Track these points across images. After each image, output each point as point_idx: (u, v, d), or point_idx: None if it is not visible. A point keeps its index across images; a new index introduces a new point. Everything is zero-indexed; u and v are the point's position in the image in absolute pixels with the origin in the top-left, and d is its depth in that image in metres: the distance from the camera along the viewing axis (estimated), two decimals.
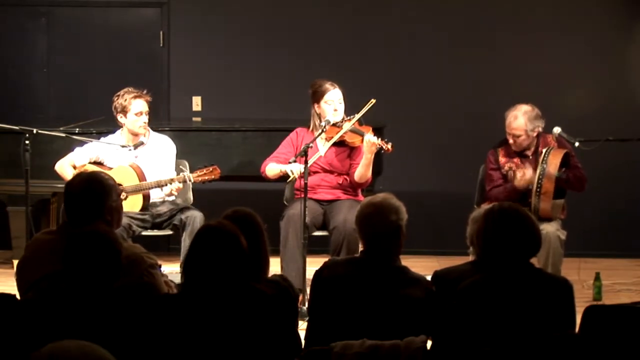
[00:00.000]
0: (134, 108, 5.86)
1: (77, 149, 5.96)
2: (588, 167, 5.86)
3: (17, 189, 6.21)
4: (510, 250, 3.43)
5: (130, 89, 5.94)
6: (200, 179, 5.74)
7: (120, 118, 5.91)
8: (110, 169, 5.84)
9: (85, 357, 2.36)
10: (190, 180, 5.75)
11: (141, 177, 5.80)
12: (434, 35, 7.59)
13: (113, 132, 6.04)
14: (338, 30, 7.64)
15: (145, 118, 5.90)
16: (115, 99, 5.92)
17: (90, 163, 5.91)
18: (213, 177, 5.74)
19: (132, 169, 5.82)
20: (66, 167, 5.89)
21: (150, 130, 6.02)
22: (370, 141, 5.60)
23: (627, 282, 6.54)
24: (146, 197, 5.80)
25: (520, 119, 5.70)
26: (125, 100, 5.86)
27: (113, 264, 3.28)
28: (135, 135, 5.91)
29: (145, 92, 5.97)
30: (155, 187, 5.77)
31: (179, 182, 5.73)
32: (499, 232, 3.46)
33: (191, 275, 3.23)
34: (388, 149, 5.60)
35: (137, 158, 5.91)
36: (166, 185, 5.74)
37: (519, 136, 5.72)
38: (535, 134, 5.74)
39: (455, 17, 7.58)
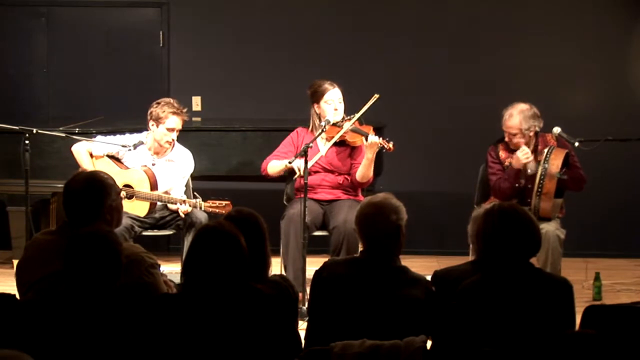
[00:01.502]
0: (169, 123, 5.80)
1: (100, 137, 5.94)
2: (588, 167, 5.86)
3: (17, 189, 6.21)
4: (510, 250, 3.43)
5: (172, 102, 5.84)
6: (210, 209, 5.67)
7: (151, 125, 5.85)
8: (126, 168, 5.84)
9: None
10: (200, 208, 5.70)
11: (153, 184, 5.78)
12: (434, 35, 7.59)
13: (140, 131, 5.98)
14: (338, 30, 7.64)
15: (174, 135, 5.85)
16: (155, 106, 5.83)
17: (107, 156, 5.90)
18: (224, 212, 5.63)
19: (146, 174, 5.79)
20: (82, 153, 5.86)
21: (176, 143, 5.97)
22: (371, 140, 5.60)
23: (627, 282, 6.54)
24: (152, 205, 5.78)
25: (516, 118, 5.71)
26: (164, 112, 5.78)
27: (113, 265, 3.28)
28: (159, 146, 5.88)
29: (185, 110, 5.89)
30: (165, 202, 5.76)
31: (189, 206, 5.71)
32: (498, 232, 3.45)
33: (191, 276, 3.22)
34: (390, 148, 5.59)
35: (155, 166, 5.89)
36: (175, 203, 5.72)
37: (514, 134, 5.74)
38: (531, 133, 5.74)
39: (455, 17, 7.58)
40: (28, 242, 4.18)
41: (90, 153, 5.87)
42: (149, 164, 5.87)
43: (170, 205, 5.76)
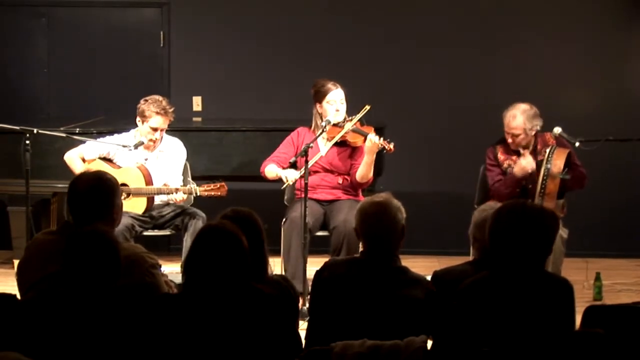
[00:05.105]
0: (152, 122, 5.81)
1: (89, 143, 5.94)
2: (588, 167, 5.86)
3: (17, 189, 6.21)
4: (523, 251, 3.35)
5: (160, 101, 5.82)
6: (206, 193, 5.67)
7: (137, 120, 5.88)
8: (119, 167, 5.84)
9: None
10: (196, 194, 5.72)
11: (148, 180, 5.78)
12: (434, 35, 7.59)
13: (127, 130, 6.02)
14: (338, 30, 7.65)
15: (157, 135, 5.85)
16: (142, 102, 5.84)
17: (99, 159, 5.90)
18: (220, 193, 5.66)
19: (140, 171, 5.80)
20: (75, 159, 5.87)
21: (164, 134, 5.97)
22: (372, 141, 5.59)
23: (627, 282, 6.55)
24: (150, 201, 5.78)
25: (519, 118, 5.70)
26: (149, 110, 5.79)
27: (112, 263, 3.27)
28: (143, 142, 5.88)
29: (172, 110, 5.87)
30: (160, 194, 5.75)
31: (185, 194, 5.72)
32: (512, 231, 3.39)
33: (192, 275, 3.22)
34: (390, 149, 5.59)
35: (147, 160, 5.89)
36: (169, 193, 5.71)
37: (517, 135, 5.73)
38: (533, 133, 5.75)
39: (456, 17, 7.58)
40: (29, 242, 4.18)
41: (83, 158, 5.88)
42: (142, 160, 5.87)
43: (168, 198, 5.75)
